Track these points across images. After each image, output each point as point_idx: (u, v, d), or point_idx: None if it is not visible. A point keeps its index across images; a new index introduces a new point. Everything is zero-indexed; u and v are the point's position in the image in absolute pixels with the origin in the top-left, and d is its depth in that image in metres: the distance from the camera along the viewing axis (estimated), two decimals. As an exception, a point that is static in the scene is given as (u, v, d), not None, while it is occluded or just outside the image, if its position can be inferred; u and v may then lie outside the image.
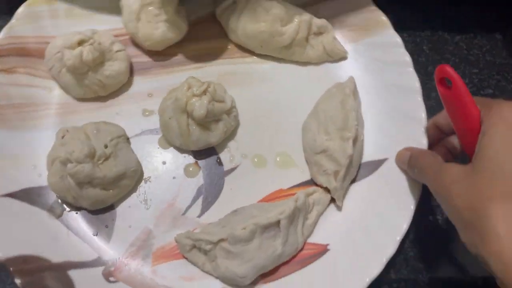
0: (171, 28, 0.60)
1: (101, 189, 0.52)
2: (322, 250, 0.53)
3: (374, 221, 0.54)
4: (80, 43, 0.55)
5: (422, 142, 0.56)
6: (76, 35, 0.55)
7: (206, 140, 0.56)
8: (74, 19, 0.63)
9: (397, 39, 0.61)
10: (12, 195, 0.52)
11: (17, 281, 0.47)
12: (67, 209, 0.54)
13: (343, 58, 0.64)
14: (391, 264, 0.53)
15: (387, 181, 0.56)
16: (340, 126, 0.55)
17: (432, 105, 0.63)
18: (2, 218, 0.51)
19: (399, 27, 0.63)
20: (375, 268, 0.50)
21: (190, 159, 0.58)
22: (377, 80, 0.61)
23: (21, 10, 0.60)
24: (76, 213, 0.54)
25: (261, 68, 0.63)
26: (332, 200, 0.56)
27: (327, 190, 0.56)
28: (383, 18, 0.63)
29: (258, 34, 0.60)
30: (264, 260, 0.50)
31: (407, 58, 0.60)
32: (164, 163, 0.57)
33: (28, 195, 0.53)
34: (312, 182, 0.57)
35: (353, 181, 0.57)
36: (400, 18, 0.66)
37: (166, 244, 0.53)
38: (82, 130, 0.54)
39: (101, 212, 0.54)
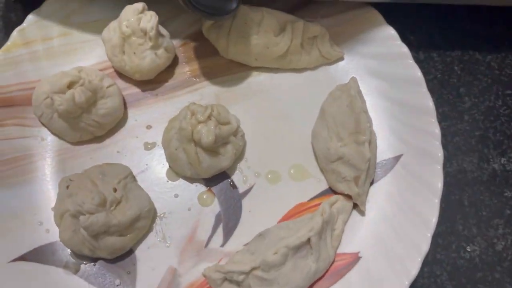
0: (158, 54, 0.57)
1: (118, 236, 0.49)
2: (355, 259, 0.52)
3: (401, 220, 0.53)
4: (70, 85, 0.51)
5: (434, 132, 0.55)
6: (64, 78, 0.51)
7: (217, 165, 0.53)
8: (55, 59, 0.59)
9: (391, 31, 0.60)
10: (23, 258, 0.49)
11: None
12: (84, 262, 0.51)
13: (340, 59, 0.62)
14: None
15: (406, 178, 0.55)
16: (352, 129, 0.53)
17: (466, 129, 0.62)
18: (16, 284, 0.48)
19: (427, 46, 0.61)
20: (412, 269, 0.49)
21: (202, 187, 0.55)
22: (378, 77, 0.60)
23: (-2, 58, 0.57)
24: (94, 264, 0.51)
25: (258, 80, 0.61)
26: (354, 205, 0.55)
27: (348, 196, 0.54)
28: (374, 11, 0.61)
29: (252, 48, 0.58)
30: (301, 281, 0.48)
31: (405, 49, 0.59)
32: (176, 196, 0.55)
33: (39, 255, 0.50)
34: (330, 191, 0.56)
35: (371, 183, 0.56)
36: (428, 37, 0.64)
37: (194, 281, 0.51)
38: (86, 176, 0.51)
39: (120, 258, 0.51)
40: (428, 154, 0.54)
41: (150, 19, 0.55)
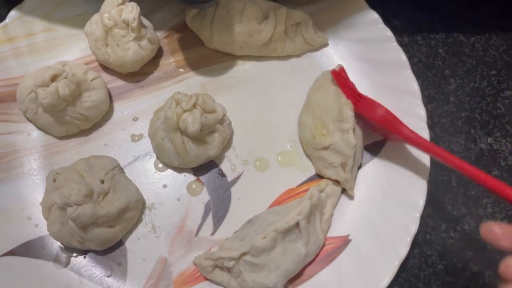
0: (142, 45, 0.57)
1: (107, 227, 0.49)
2: (344, 242, 0.52)
3: (389, 202, 0.53)
4: (53, 78, 0.51)
5: (420, 113, 0.55)
6: (47, 71, 0.51)
7: (205, 154, 0.53)
8: (39, 54, 0.59)
9: (374, 15, 0.60)
10: (12, 252, 0.49)
11: None
12: (74, 254, 0.51)
13: (325, 45, 0.62)
14: (419, 278, 0.53)
15: (393, 160, 0.55)
16: (336, 117, 0.53)
17: (452, 111, 0.62)
18: (6, 279, 0.48)
19: (411, 30, 0.61)
20: (402, 249, 0.50)
21: (190, 176, 0.55)
22: (363, 60, 0.60)
23: (-19, 55, 0.56)
24: (84, 257, 0.51)
25: (243, 69, 0.61)
26: (343, 189, 0.55)
27: (336, 181, 0.54)
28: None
29: (236, 36, 0.58)
30: (291, 264, 0.48)
31: (389, 33, 0.59)
32: (165, 186, 0.55)
33: (28, 249, 0.50)
34: (318, 176, 0.56)
35: (359, 166, 0.56)
36: (412, 21, 0.64)
37: (185, 269, 0.51)
38: (73, 169, 0.50)
39: (110, 250, 0.51)
40: (414, 136, 0.55)
41: (131, 10, 0.55)
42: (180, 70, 0.61)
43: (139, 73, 0.60)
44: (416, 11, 0.68)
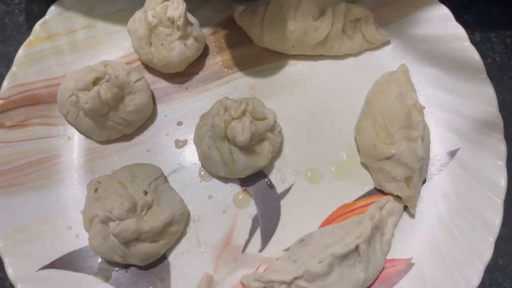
0: (188, 44, 0.53)
1: (150, 242, 0.46)
2: (406, 265, 0.48)
3: (458, 222, 0.48)
4: (95, 81, 0.48)
5: (496, 122, 0.50)
6: (89, 73, 0.48)
7: (254, 164, 0.49)
8: (80, 53, 0.56)
9: (444, 10, 0.54)
10: (52, 265, 0.47)
11: None
12: (116, 268, 0.48)
13: (386, 43, 0.56)
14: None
15: (463, 175, 0.50)
16: (403, 124, 0.48)
17: None
18: (47, 293, 0.46)
19: (484, 26, 0.55)
20: (474, 278, 0.45)
21: (237, 187, 0.52)
22: (430, 62, 0.54)
23: (20, 53, 0.53)
24: (126, 271, 0.48)
25: (295, 70, 0.56)
26: (405, 207, 0.50)
27: (397, 197, 0.49)
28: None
29: (289, 34, 0.53)
30: (348, 292, 0.44)
31: (461, 30, 0.53)
32: (210, 197, 0.51)
33: (69, 262, 0.48)
34: (376, 191, 0.51)
35: (423, 181, 0.51)
36: (485, 16, 0.57)
37: (232, 289, 0.47)
38: (115, 179, 0.47)
39: (153, 265, 0.48)
40: (488, 148, 0.49)
41: (177, 6, 0.51)
42: (227, 70, 0.56)
43: (184, 74, 0.56)
44: (489, 4, 0.61)
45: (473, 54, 0.52)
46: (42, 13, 0.55)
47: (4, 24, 0.61)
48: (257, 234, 0.50)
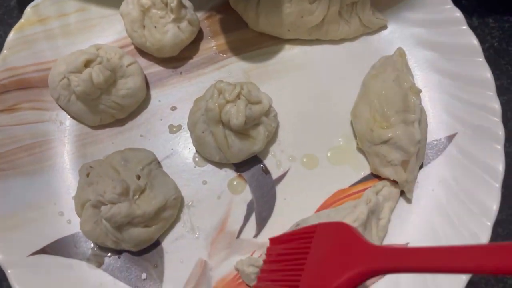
0: (182, 27, 0.52)
1: (143, 227, 0.45)
2: (402, 251, 0.47)
3: (455, 207, 0.47)
4: (87, 64, 0.47)
5: (494, 107, 0.49)
6: (80, 56, 0.47)
7: (248, 149, 0.48)
8: (72, 36, 0.55)
9: (442, -6, 0.53)
10: (44, 250, 0.46)
11: None
12: (108, 254, 0.47)
13: (383, 27, 0.56)
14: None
15: (461, 160, 0.49)
16: (399, 108, 0.47)
17: None
18: (37, 279, 0.45)
19: (482, 10, 0.54)
20: (470, 263, 0.44)
21: (232, 173, 0.51)
22: (427, 46, 0.54)
23: (11, 36, 0.52)
24: (119, 257, 0.48)
25: (291, 54, 0.56)
26: (401, 192, 0.49)
27: (393, 182, 0.49)
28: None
29: (284, 18, 0.52)
30: (344, 277, 0.43)
31: (458, 14, 0.52)
32: (204, 182, 0.50)
33: (61, 247, 0.47)
34: (372, 176, 0.50)
35: (420, 166, 0.50)
36: (482, 1, 0.56)
37: (226, 275, 0.47)
38: (107, 163, 0.47)
39: (146, 251, 0.48)
40: (486, 133, 0.49)
41: (171, -12, 0.50)
42: (222, 55, 0.56)
43: (178, 58, 0.55)
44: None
45: (471, 38, 0.51)
46: (33, -4, 0.55)
47: (-5, 9, 0.61)
48: (252, 220, 0.49)
